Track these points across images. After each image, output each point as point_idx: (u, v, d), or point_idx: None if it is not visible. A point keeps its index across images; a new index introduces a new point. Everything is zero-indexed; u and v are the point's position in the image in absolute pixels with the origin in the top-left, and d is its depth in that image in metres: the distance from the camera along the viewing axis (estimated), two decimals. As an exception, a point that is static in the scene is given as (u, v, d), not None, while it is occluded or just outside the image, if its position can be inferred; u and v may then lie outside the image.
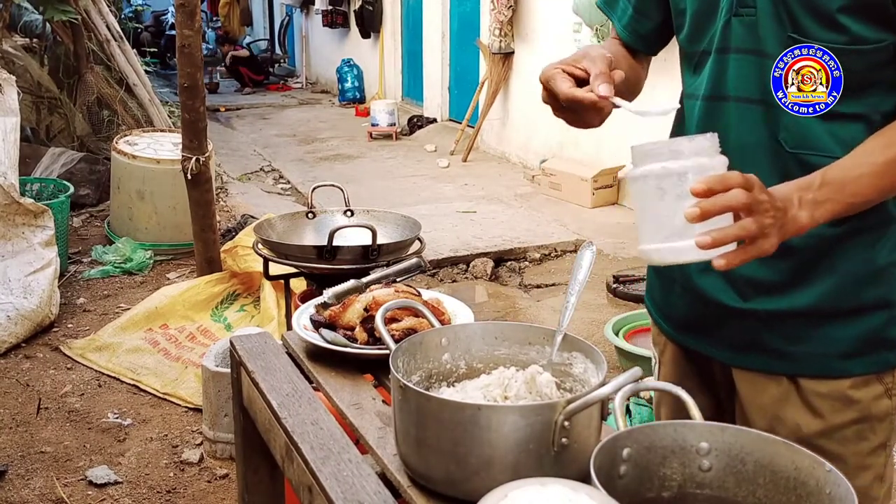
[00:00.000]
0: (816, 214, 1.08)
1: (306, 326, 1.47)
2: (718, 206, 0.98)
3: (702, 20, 1.25)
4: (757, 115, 1.20)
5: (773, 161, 1.20)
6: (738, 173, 1.01)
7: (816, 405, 1.23)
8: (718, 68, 1.23)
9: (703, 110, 1.26)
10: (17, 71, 5.67)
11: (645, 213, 1.06)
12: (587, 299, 4.52)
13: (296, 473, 1.19)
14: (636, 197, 1.07)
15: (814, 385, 1.24)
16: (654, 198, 1.03)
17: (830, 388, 1.23)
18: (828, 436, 1.23)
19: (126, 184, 5.19)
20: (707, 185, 0.98)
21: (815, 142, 1.17)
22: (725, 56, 1.22)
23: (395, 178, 7.28)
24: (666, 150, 1.02)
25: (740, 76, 1.21)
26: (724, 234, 0.99)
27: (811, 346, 1.23)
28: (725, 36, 1.21)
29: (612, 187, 6.29)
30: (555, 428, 0.94)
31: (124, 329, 3.87)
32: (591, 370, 1.09)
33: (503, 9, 7.26)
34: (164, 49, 14.10)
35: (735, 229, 1.00)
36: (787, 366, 1.25)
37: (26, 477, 2.90)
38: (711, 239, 0.98)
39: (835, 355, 1.23)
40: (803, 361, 1.24)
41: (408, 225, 2.26)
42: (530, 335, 1.17)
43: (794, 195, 1.08)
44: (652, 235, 1.04)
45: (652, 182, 1.02)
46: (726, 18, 1.20)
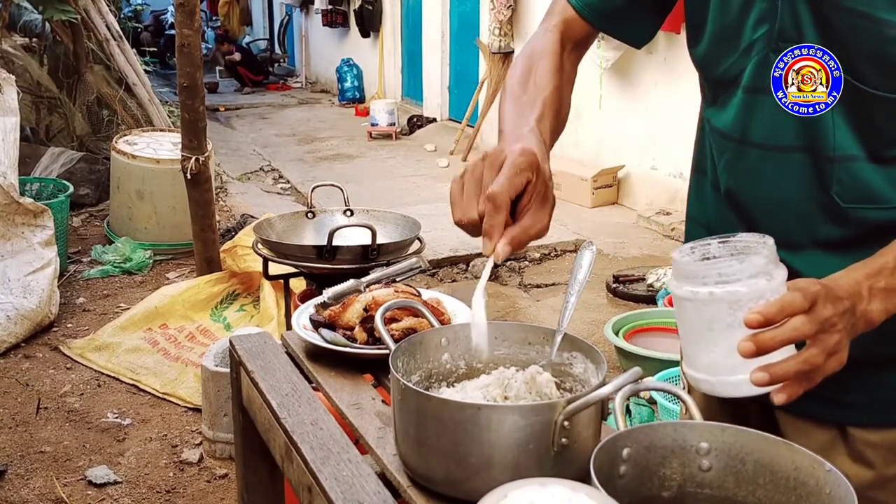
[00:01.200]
0: (890, 305, 0.95)
1: (306, 326, 1.47)
2: (778, 340, 0.86)
3: (723, 44, 1.14)
4: (801, 166, 1.09)
5: (825, 217, 1.09)
6: (800, 295, 0.87)
7: (867, 455, 1.15)
8: (747, 109, 1.11)
9: (729, 150, 1.16)
10: (17, 70, 5.67)
11: (690, 335, 0.94)
12: (587, 299, 4.52)
13: (295, 473, 1.19)
14: (679, 315, 0.95)
15: (864, 434, 1.15)
16: (700, 325, 0.92)
17: (882, 438, 1.14)
18: (880, 486, 1.15)
19: (126, 183, 5.19)
20: (764, 316, 0.86)
21: (876, 193, 1.05)
22: (756, 97, 1.10)
23: (394, 177, 7.28)
24: (713, 272, 0.89)
25: (777, 122, 1.09)
26: (785, 371, 0.88)
27: (862, 394, 1.14)
28: (759, 75, 1.09)
29: (611, 187, 6.29)
30: (555, 428, 0.94)
31: (124, 329, 3.87)
32: (591, 370, 1.09)
33: (503, 8, 7.26)
34: (163, 49, 14.10)
35: (797, 364, 0.88)
36: (837, 414, 1.16)
37: (26, 477, 2.90)
38: (770, 377, 0.87)
39: (887, 404, 1.14)
40: (853, 410, 1.15)
41: (407, 225, 2.26)
42: (530, 335, 1.17)
43: (862, 286, 0.94)
44: (700, 363, 0.94)
45: (698, 308, 0.91)
46: (762, 54, 1.08)
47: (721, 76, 1.15)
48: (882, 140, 1.05)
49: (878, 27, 0.99)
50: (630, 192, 6.25)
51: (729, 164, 1.16)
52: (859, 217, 1.07)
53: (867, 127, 1.05)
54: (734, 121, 1.14)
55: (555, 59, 1.25)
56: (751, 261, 0.89)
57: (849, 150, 1.06)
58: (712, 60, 1.16)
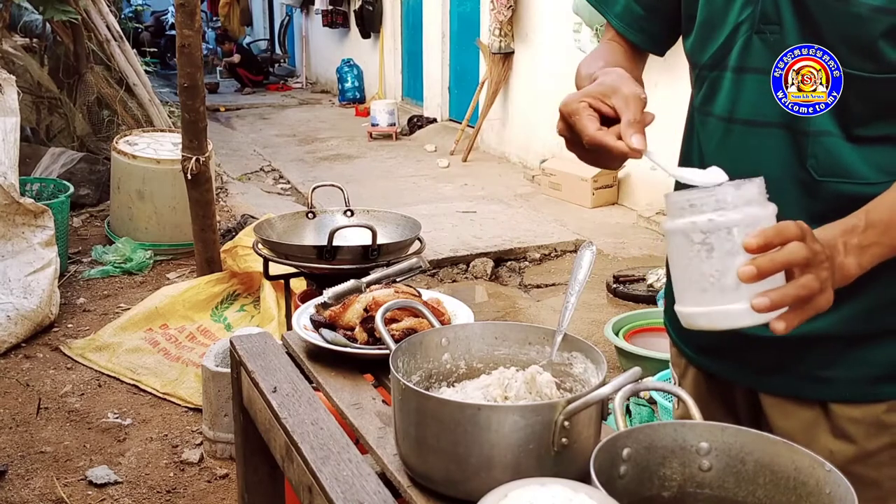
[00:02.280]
0: (863, 261, 1.00)
1: (306, 326, 1.47)
2: (777, 262, 0.88)
3: (707, 32, 1.19)
4: (780, 141, 1.13)
5: (801, 191, 1.13)
6: (793, 223, 0.91)
7: (849, 431, 1.18)
8: (735, 89, 1.16)
9: (719, 130, 1.20)
10: (17, 71, 5.67)
11: (686, 271, 0.94)
12: (587, 299, 4.53)
13: (296, 473, 1.19)
14: (674, 252, 0.95)
15: (846, 410, 1.18)
16: (698, 255, 0.91)
17: (864, 413, 1.17)
18: (862, 461, 1.18)
19: (126, 184, 5.19)
20: (763, 238, 0.88)
21: (848, 168, 1.10)
22: (743, 76, 1.15)
23: (395, 178, 7.28)
24: (711, 200, 0.90)
25: (760, 99, 1.13)
26: (784, 295, 0.89)
27: (843, 370, 1.17)
28: (744, 55, 1.14)
29: (612, 187, 6.29)
30: (555, 428, 0.94)
31: (124, 329, 3.87)
32: (591, 370, 1.09)
33: (503, 9, 7.26)
34: (164, 49, 14.10)
35: (795, 288, 0.90)
36: (818, 391, 1.19)
37: (26, 477, 2.90)
38: (770, 301, 0.88)
39: (868, 379, 1.17)
40: (835, 386, 1.18)
41: (408, 225, 2.26)
42: (530, 335, 1.17)
43: (838, 241, 0.99)
44: (697, 297, 0.93)
45: (696, 237, 0.91)
46: (747, 35, 1.14)
47: (709, 61, 1.20)
48: (853, 118, 1.09)
49: (849, 7, 1.04)
50: (630, 192, 6.25)
51: (719, 145, 1.20)
52: (833, 191, 1.11)
53: (840, 106, 1.09)
54: (724, 101, 1.18)
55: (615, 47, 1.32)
56: (746, 188, 0.91)
57: (824, 125, 1.10)
58: (701, 47, 1.21)
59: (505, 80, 7.65)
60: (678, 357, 1.40)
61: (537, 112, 7.22)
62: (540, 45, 7.17)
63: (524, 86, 7.45)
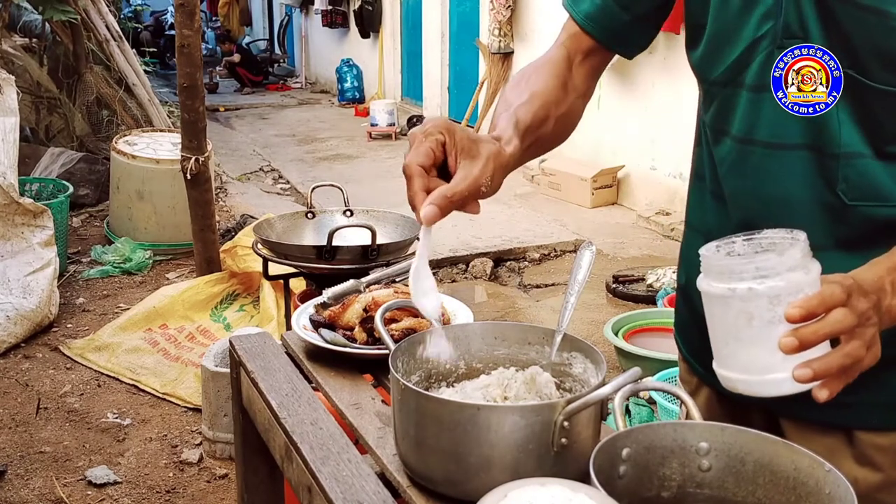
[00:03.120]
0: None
1: (306, 326, 1.47)
2: (821, 334, 0.84)
3: (719, 44, 1.13)
4: (805, 164, 1.07)
5: (828, 216, 1.07)
6: (839, 288, 0.86)
7: (875, 459, 1.13)
8: (753, 108, 1.09)
9: (734, 151, 1.14)
10: (17, 71, 5.68)
11: (724, 334, 0.91)
12: (587, 299, 4.53)
13: (295, 473, 1.19)
14: (711, 313, 0.92)
15: (871, 437, 1.13)
16: (735, 321, 0.88)
17: (891, 441, 1.12)
18: (888, 489, 1.13)
19: (125, 184, 5.19)
20: (806, 310, 0.84)
21: (882, 190, 1.04)
22: (762, 95, 1.08)
23: (394, 177, 7.27)
24: (752, 267, 0.86)
25: (782, 120, 1.08)
26: (828, 365, 0.86)
27: (869, 395, 1.10)
28: (764, 73, 1.07)
29: (611, 187, 6.29)
30: (554, 428, 0.94)
31: (124, 329, 3.87)
32: (590, 370, 1.09)
33: (502, 9, 7.26)
34: (163, 49, 14.10)
35: (840, 357, 0.86)
36: (842, 416, 1.13)
37: (26, 477, 2.90)
38: (813, 372, 0.85)
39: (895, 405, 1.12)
40: (860, 412, 1.12)
41: (407, 225, 2.26)
42: (530, 335, 1.17)
43: (885, 281, 0.92)
44: (736, 363, 0.91)
45: (735, 305, 0.88)
46: (768, 51, 1.07)
47: (721, 77, 1.14)
48: (885, 136, 1.04)
49: (886, 21, 0.98)
50: (630, 192, 6.25)
51: (733, 166, 1.14)
52: (865, 215, 1.05)
53: (871, 123, 1.04)
54: (739, 121, 1.12)
55: (555, 66, 1.23)
56: (789, 254, 0.87)
57: (854, 147, 1.05)
58: (712, 61, 1.14)
59: (504, 80, 7.65)
60: (689, 375, 1.34)
61: (537, 112, 7.22)
62: (539, 45, 7.17)
63: (524, 86, 7.44)
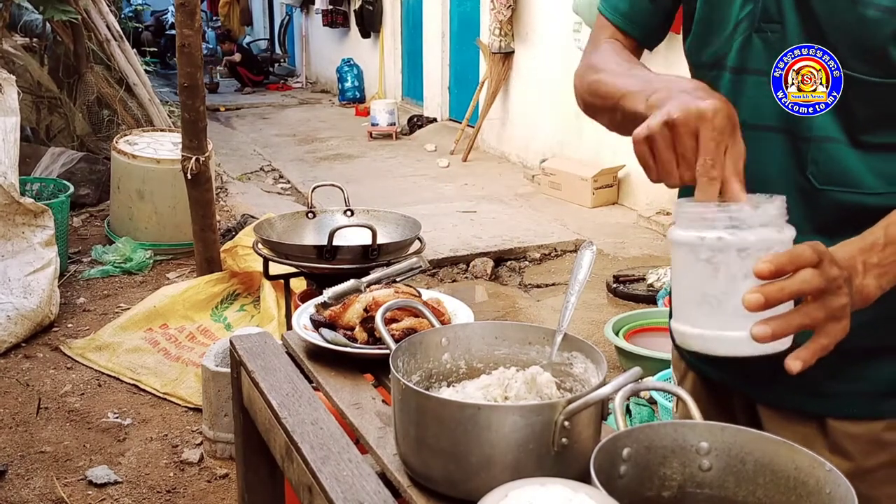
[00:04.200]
0: (884, 282, 0.93)
1: (306, 326, 1.47)
2: (787, 292, 0.82)
3: (706, 30, 1.16)
4: (779, 146, 1.09)
5: (801, 199, 1.08)
6: (809, 248, 0.84)
7: (847, 447, 1.15)
8: (734, 90, 1.11)
9: None
10: (17, 71, 5.67)
11: (686, 287, 0.88)
12: (587, 299, 4.53)
13: (296, 473, 1.19)
14: (677, 264, 0.88)
15: (844, 426, 1.14)
16: (702, 273, 0.85)
17: (863, 430, 1.14)
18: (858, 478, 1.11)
19: (126, 183, 5.20)
20: (775, 265, 0.81)
21: (851, 176, 1.06)
22: (742, 77, 1.11)
23: (395, 177, 7.28)
24: (724, 216, 0.84)
25: (759, 102, 1.10)
26: (787, 324, 0.84)
27: (843, 385, 1.13)
28: (743, 55, 1.11)
29: (612, 187, 6.29)
30: (555, 428, 0.94)
31: (124, 329, 3.87)
32: (591, 370, 1.09)
33: (503, 8, 7.26)
34: (164, 49, 14.10)
35: (800, 317, 0.84)
36: (816, 405, 1.16)
37: (26, 477, 2.90)
38: (772, 331, 0.83)
39: (868, 395, 1.13)
40: (836, 401, 1.14)
41: (408, 225, 2.26)
42: (530, 335, 1.17)
43: (857, 260, 0.92)
44: (694, 317, 0.87)
45: (702, 253, 0.84)
46: (746, 34, 1.10)
47: (708, 59, 1.17)
48: (858, 124, 1.05)
49: (858, 7, 1.00)
50: (630, 192, 6.25)
51: None
52: (836, 200, 1.07)
53: (845, 110, 1.05)
54: None
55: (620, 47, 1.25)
56: (764, 208, 0.84)
57: (827, 132, 1.06)
58: (700, 44, 1.17)
59: (505, 80, 7.65)
60: (678, 360, 1.38)
61: (537, 112, 7.23)
62: (540, 45, 7.17)
63: (524, 85, 7.45)
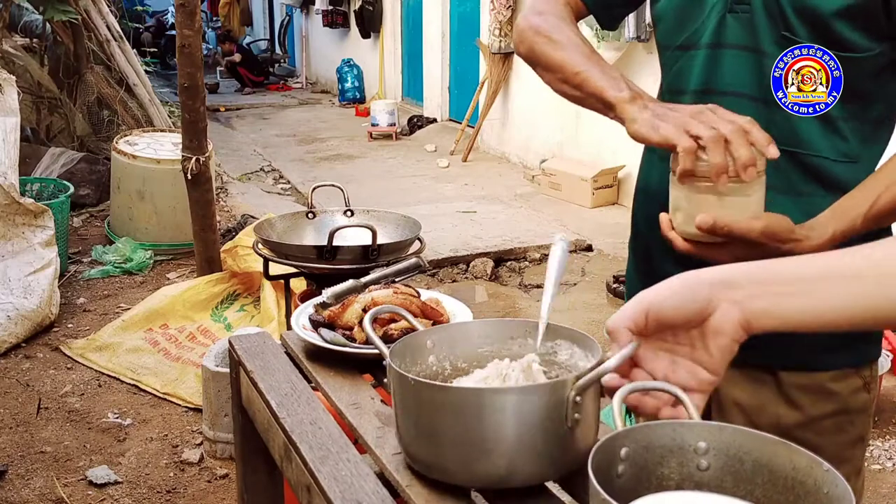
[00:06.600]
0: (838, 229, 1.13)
1: (305, 326, 1.47)
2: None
3: (685, 15, 1.26)
4: (751, 112, 1.17)
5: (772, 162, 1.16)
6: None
7: (795, 397, 1.25)
8: (711, 63, 1.23)
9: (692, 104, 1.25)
10: (17, 71, 5.68)
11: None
12: (587, 299, 4.53)
13: (294, 473, 1.19)
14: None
15: (793, 378, 1.25)
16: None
17: (810, 381, 1.24)
18: (806, 427, 1.24)
19: (126, 184, 5.20)
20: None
21: (804, 138, 1.18)
22: (719, 51, 1.22)
23: (395, 178, 7.28)
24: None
25: (736, 72, 1.21)
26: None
27: (791, 339, 1.17)
28: (720, 32, 1.22)
29: (612, 187, 6.29)
30: (567, 404, 0.96)
31: (124, 329, 3.87)
32: (577, 354, 1.10)
33: (503, 9, 7.26)
34: (164, 49, 14.11)
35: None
36: (766, 358, 1.24)
37: (26, 477, 2.90)
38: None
39: (815, 349, 1.23)
40: (783, 354, 1.23)
41: (408, 225, 2.26)
42: (512, 329, 1.17)
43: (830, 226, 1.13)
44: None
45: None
46: (721, 14, 1.21)
47: (684, 42, 1.27)
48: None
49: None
50: (630, 192, 6.22)
51: None
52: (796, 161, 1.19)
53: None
54: (697, 76, 1.25)
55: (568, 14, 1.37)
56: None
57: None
58: (676, 28, 1.28)
59: (505, 80, 7.65)
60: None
61: (537, 112, 7.23)
62: (540, 45, 7.17)
63: (524, 86, 7.45)
